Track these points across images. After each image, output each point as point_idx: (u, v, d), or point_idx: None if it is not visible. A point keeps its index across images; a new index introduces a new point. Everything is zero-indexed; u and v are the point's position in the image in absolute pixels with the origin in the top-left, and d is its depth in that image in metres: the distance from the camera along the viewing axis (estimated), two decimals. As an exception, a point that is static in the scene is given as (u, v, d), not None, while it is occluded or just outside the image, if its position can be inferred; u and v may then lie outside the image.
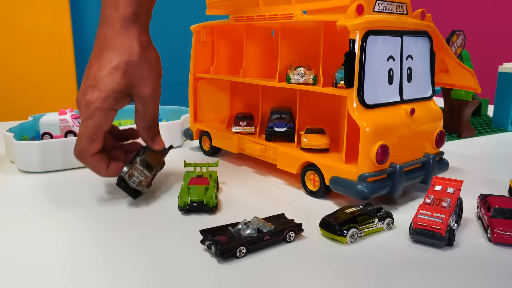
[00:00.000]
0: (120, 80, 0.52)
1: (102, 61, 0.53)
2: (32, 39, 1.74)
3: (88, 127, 0.53)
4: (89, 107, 0.52)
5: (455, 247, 0.46)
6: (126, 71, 0.53)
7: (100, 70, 0.52)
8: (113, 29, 0.53)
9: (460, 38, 0.88)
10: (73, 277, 0.41)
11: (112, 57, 0.53)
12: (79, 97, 0.54)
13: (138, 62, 0.53)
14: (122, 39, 0.53)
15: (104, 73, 0.52)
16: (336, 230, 0.46)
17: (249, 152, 0.71)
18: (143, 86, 0.54)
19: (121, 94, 0.53)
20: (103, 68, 0.52)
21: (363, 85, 0.54)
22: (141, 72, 0.54)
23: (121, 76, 0.52)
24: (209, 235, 0.45)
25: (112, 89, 0.52)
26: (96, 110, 0.52)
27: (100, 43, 0.54)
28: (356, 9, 0.53)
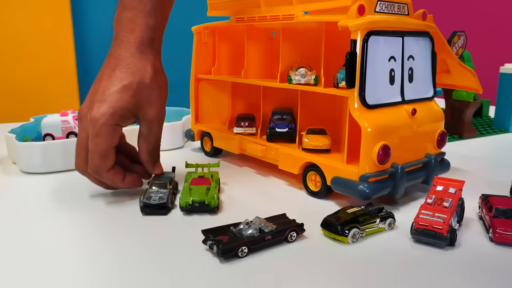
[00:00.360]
0: (130, 99, 0.53)
1: (113, 78, 0.54)
2: (33, 41, 1.75)
3: (98, 144, 0.53)
4: (96, 122, 0.52)
5: (457, 247, 0.46)
6: (136, 91, 0.54)
7: (111, 87, 0.53)
8: (129, 50, 0.55)
9: (461, 39, 0.88)
10: (75, 277, 0.41)
11: (124, 76, 0.54)
12: (83, 110, 0.55)
13: (149, 85, 0.55)
14: (137, 60, 0.55)
15: (114, 89, 0.53)
16: (337, 230, 0.47)
17: (251, 152, 0.72)
18: (150, 108, 0.56)
19: (128, 113, 0.54)
20: (114, 85, 0.53)
21: (365, 85, 0.54)
22: (150, 94, 0.55)
23: (131, 95, 0.54)
24: (211, 235, 0.45)
25: (120, 107, 0.53)
26: (103, 125, 0.53)
27: (114, 61, 0.55)
28: (357, 9, 0.53)
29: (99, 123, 0.52)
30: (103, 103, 0.53)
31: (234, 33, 0.80)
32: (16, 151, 0.71)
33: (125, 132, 0.62)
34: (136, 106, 0.54)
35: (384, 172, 0.55)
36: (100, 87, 0.54)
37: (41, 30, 1.75)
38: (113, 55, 0.56)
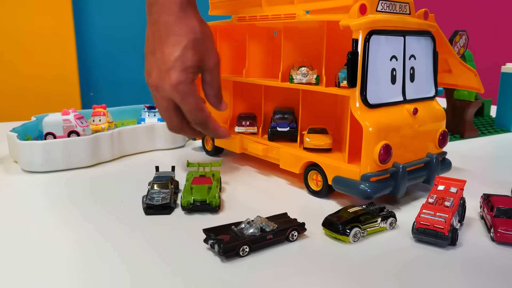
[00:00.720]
0: (193, 57, 0.57)
1: (172, 45, 0.57)
2: (35, 40, 1.75)
3: (191, 102, 0.58)
4: (178, 87, 0.57)
5: (458, 246, 0.46)
6: (195, 48, 0.58)
7: (173, 53, 0.57)
8: (173, 13, 0.58)
9: (463, 38, 0.88)
10: (75, 275, 0.41)
11: (180, 39, 0.57)
12: (156, 81, 0.58)
13: (202, 38, 0.59)
14: (184, 20, 0.58)
15: (177, 54, 0.57)
16: (339, 229, 0.47)
17: (252, 152, 0.71)
18: (209, 58, 0.60)
19: (196, 69, 0.59)
20: (175, 50, 0.57)
21: (366, 84, 0.54)
22: (206, 46, 0.60)
23: (193, 53, 0.57)
24: (212, 234, 0.45)
25: (190, 66, 0.57)
26: (186, 87, 0.57)
27: (163, 28, 0.58)
28: (359, 9, 0.53)
29: (181, 87, 0.57)
30: (174, 70, 0.57)
31: (235, 32, 0.80)
32: (18, 150, 0.71)
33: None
34: (199, 60, 0.59)
35: (386, 171, 0.55)
36: (164, 55, 0.57)
37: (43, 29, 1.75)
38: (159, 22, 0.58)
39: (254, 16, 0.68)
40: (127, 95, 1.99)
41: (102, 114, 0.86)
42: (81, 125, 0.78)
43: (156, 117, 0.91)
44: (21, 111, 1.66)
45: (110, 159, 0.77)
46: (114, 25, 1.93)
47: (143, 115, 0.92)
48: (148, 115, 0.91)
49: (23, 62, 1.74)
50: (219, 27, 0.80)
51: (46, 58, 1.78)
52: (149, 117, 0.91)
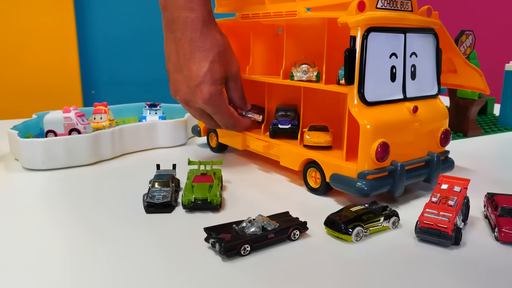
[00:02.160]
0: (219, 69, 0.62)
1: (198, 61, 0.61)
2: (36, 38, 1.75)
3: (223, 113, 0.64)
4: (210, 100, 0.61)
5: (462, 246, 0.46)
6: (220, 61, 0.62)
7: (201, 68, 0.61)
8: (197, 30, 0.61)
9: (469, 38, 0.87)
10: (76, 272, 0.40)
11: (205, 54, 0.61)
12: (187, 97, 0.63)
13: (224, 50, 0.63)
14: (208, 35, 0.61)
15: (205, 69, 0.61)
16: (341, 229, 0.46)
17: (254, 149, 0.71)
18: (232, 67, 0.65)
19: (223, 79, 0.63)
20: (203, 66, 0.61)
21: (364, 82, 0.53)
22: (228, 57, 0.64)
23: (219, 66, 0.62)
24: (213, 233, 0.45)
25: (219, 78, 0.62)
26: (216, 99, 0.62)
27: (188, 45, 0.61)
28: (357, 6, 0.53)
29: (212, 100, 0.62)
30: (205, 84, 0.61)
31: (240, 30, 0.80)
32: (18, 147, 0.70)
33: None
34: (225, 71, 0.63)
35: (383, 169, 0.54)
36: (192, 71, 0.61)
37: (44, 27, 1.75)
38: (183, 39, 0.61)
39: (257, 13, 0.68)
40: (129, 93, 1.99)
41: (103, 112, 0.86)
42: (82, 123, 0.78)
43: (157, 115, 0.91)
44: (22, 108, 1.66)
45: (111, 157, 0.77)
46: (116, 23, 1.92)
47: (144, 113, 0.91)
48: (149, 113, 0.91)
49: (25, 59, 1.74)
50: (224, 25, 0.79)
51: (48, 55, 1.78)
52: (150, 115, 0.91)
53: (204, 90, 0.61)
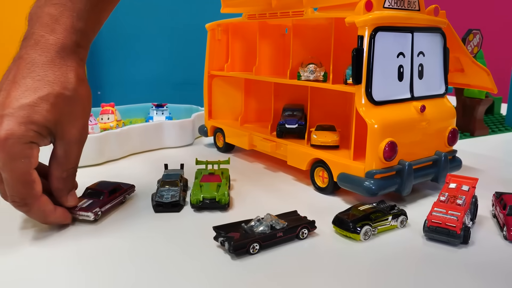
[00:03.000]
0: (47, 114, 0.43)
1: (24, 88, 0.43)
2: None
3: (15, 169, 0.43)
4: (5, 143, 0.42)
5: (470, 245, 0.46)
6: (55, 105, 0.44)
7: (20, 98, 0.43)
8: (46, 55, 0.45)
9: (477, 37, 0.87)
10: (85, 270, 0.41)
11: (39, 85, 0.43)
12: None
13: (71, 98, 0.45)
14: (56, 68, 0.45)
15: (25, 102, 0.43)
16: (349, 227, 0.46)
17: (261, 149, 0.72)
18: (72, 127, 0.46)
19: (45, 130, 0.44)
20: (25, 96, 0.43)
21: (371, 81, 0.54)
22: (73, 110, 0.46)
23: (48, 109, 0.43)
24: (222, 231, 0.45)
25: (34, 122, 0.43)
26: (15, 144, 0.42)
27: (25, 66, 0.44)
28: (364, 5, 0.53)
29: (9, 143, 0.41)
30: (10, 118, 0.42)
31: (247, 29, 0.80)
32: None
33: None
34: (54, 123, 0.44)
35: (391, 169, 0.54)
36: (9, 97, 0.43)
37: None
38: (24, 58, 0.45)
39: (264, 13, 0.68)
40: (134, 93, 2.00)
41: (111, 113, 0.87)
42: (90, 123, 0.78)
43: (164, 115, 0.91)
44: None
45: (119, 157, 0.77)
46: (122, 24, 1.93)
47: (151, 113, 0.92)
48: (156, 113, 0.91)
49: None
50: (231, 25, 0.80)
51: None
52: (157, 115, 0.91)
53: (6, 125, 0.42)
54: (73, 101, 0.45)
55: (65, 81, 0.45)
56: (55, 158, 0.47)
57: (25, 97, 0.43)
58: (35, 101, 0.43)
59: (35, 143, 0.44)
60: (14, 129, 0.42)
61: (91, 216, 0.50)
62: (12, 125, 0.42)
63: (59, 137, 0.46)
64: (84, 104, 0.47)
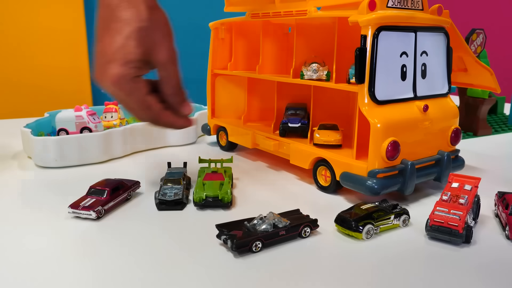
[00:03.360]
0: (135, 49, 0.49)
1: (112, 33, 0.49)
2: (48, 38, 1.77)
3: (132, 101, 0.51)
4: (117, 84, 0.49)
5: (473, 244, 0.46)
6: (139, 39, 0.49)
7: (113, 43, 0.49)
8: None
9: (480, 37, 0.86)
10: (88, 269, 0.41)
11: (121, 26, 0.49)
12: (98, 74, 0.50)
13: (148, 27, 0.50)
14: (128, 4, 0.49)
15: (117, 45, 0.49)
16: (352, 226, 0.46)
17: (263, 147, 0.72)
18: (159, 51, 0.51)
19: (140, 63, 0.50)
20: (115, 40, 0.49)
21: (374, 81, 0.54)
22: (153, 37, 0.51)
23: (136, 45, 0.49)
24: (225, 229, 0.45)
25: (132, 61, 0.49)
26: (124, 84, 0.49)
27: (105, 12, 0.50)
28: (368, 5, 0.53)
29: (121, 85, 0.49)
30: (114, 64, 0.49)
31: (250, 28, 0.80)
32: (32, 145, 0.71)
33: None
34: (145, 54, 0.50)
35: (394, 168, 0.54)
36: (104, 45, 0.49)
37: (55, 27, 1.77)
38: (103, 4, 0.50)
39: (267, 12, 0.68)
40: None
41: (114, 111, 0.87)
42: (93, 122, 0.79)
43: (167, 113, 0.91)
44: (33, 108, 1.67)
45: (122, 155, 0.78)
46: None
47: (154, 112, 0.92)
48: (160, 111, 0.91)
49: (36, 60, 1.76)
50: (234, 24, 0.80)
51: (59, 56, 1.79)
52: (160, 114, 0.91)
53: (112, 70, 0.48)
54: (151, 29, 0.50)
55: (139, 15, 0.49)
56: (161, 81, 0.53)
57: (114, 42, 0.49)
58: (123, 42, 0.48)
59: (138, 76, 0.50)
60: (118, 72, 0.48)
61: (93, 214, 0.51)
62: (117, 69, 0.48)
63: (155, 63, 0.51)
64: (162, 28, 0.52)
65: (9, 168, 0.72)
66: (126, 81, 0.49)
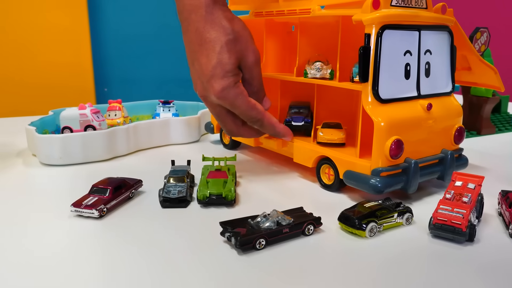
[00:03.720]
0: (229, 60, 0.56)
1: (206, 52, 0.56)
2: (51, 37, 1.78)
3: (240, 105, 0.57)
4: (224, 95, 0.56)
5: (476, 242, 0.46)
6: (230, 51, 0.56)
7: (210, 61, 0.56)
8: (200, 18, 0.57)
9: (484, 36, 0.86)
10: (93, 265, 0.41)
11: (212, 45, 0.56)
12: (202, 93, 0.58)
13: (235, 38, 0.57)
14: (212, 24, 0.57)
15: (214, 62, 0.56)
16: (355, 224, 0.46)
17: (267, 146, 0.72)
18: (247, 57, 0.58)
19: (236, 70, 0.57)
20: (211, 58, 0.56)
21: (378, 79, 0.54)
22: (241, 45, 0.58)
23: (229, 56, 0.56)
24: (229, 227, 0.45)
25: (230, 70, 0.56)
26: (231, 93, 0.56)
27: (194, 37, 0.57)
28: (372, 3, 0.53)
29: (225, 94, 0.56)
30: (215, 79, 0.56)
31: (253, 27, 0.80)
32: (36, 143, 0.72)
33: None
34: (237, 61, 0.57)
35: (397, 166, 0.54)
36: (202, 66, 0.57)
37: (59, 27, 1.78)
38: (189, 31, 0.58)
39: (271, 11, 0.69)
40: (140, 90, 2.01)
41: (118, 109, 0.87)
42: (97, 120, 0.79)
43: (170, 112, 0.92)
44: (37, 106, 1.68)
45: (126, 153, 0.78)
46: (128, 21, 1.94)
47: (157, 110, 0.93)
48: (163, 110, 0.92)
49: (40, 58, 1.77)
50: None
51: (62, 54, 1.80)
52: (163, 112, 0.92)
53: (215, 85, 0.56)
54: (236, 39, 0.57)
55: (223, 30, 0.57)
56: (244, 81, 0.60)
57: (211, 59, 0.56)
58: (218, 58, 0.56)
59: (237, 82, 0.57)
60: (222, 84, 0.56)
61: (95, 213, 0.51)
62: (219, 82, 0.56)
63: (243, 67, 0.59)
64: (245, 35, 0.59)
65: (14, 165, 0.73)
66: (229, 90, 0.56)
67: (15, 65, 1.75)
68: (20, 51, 1.75)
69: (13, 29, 1.72)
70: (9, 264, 0.42)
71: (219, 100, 0.57)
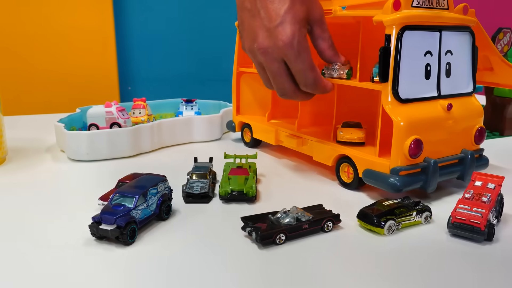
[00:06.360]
0: (301, 7, 0.54)
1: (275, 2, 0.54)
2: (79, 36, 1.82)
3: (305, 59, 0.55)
4: (291, 42, 0.53)
5: (495, 242, 0.46)
6: (301, 2, 0.55)
7: (281, 7, 0.54)
8: None
9: (507, 36, 0.85)
10: (117, 258, 0.43)
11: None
12: (263, 44, 0.55)
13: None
14: None
15: (286, 7, 0.53)
16: (374, 221, 0.47)
17: (287, 144, 0.73)
18: (315, 9, 0.57)
19: (306, 22, 0.56)
20: (282, 3, 0.54)
21: (398, 80, 0.54)
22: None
23: (301, 5, 0.55)
24: (250, 222, 0.47)
25: (302, 19, 0.54)
26: (300, 41, 0.54)
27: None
28: (392, 4, 0.54)
29: (296, 42, 0.53)
30: (286, 24, 0.53)
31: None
32: (65, 139, 0.75)
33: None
34: (307, 12, 0.56)
35: (416, 166, 0.55)
36: (270, 11, 0.54)
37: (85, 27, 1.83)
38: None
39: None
40: (165, 89, 2.04)
41: (142, 107, 0.90)
42: (123, 117, 0.81)
43: (193, 110, 0.94)
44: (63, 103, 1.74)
45: (150, 150, 0.80)
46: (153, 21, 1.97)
47: (180, 108, 0.95)
48: (186, 108, 0.94)
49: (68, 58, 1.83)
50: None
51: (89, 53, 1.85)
52: (186, 110, 0.94)
53: (286, 30, 0.53)
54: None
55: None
56: (317, 37, 0.58)
57: (283, 4, 0.54)
58: (291, 4, 0.54)
59: (306, 35, 0.55)
60: (293, 29, 0.53)
61: None
62: (290, 27, 0.53)
63: (313, 21, 0.57)
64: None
65: (43, 160, 0.76)
66: (299, 39, 0.53)
67: (45, 64, 1.80)
68: (50, 51, 1.80)
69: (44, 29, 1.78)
70: (38, 257, 0.44)
71: (286, 49, 0.53)
